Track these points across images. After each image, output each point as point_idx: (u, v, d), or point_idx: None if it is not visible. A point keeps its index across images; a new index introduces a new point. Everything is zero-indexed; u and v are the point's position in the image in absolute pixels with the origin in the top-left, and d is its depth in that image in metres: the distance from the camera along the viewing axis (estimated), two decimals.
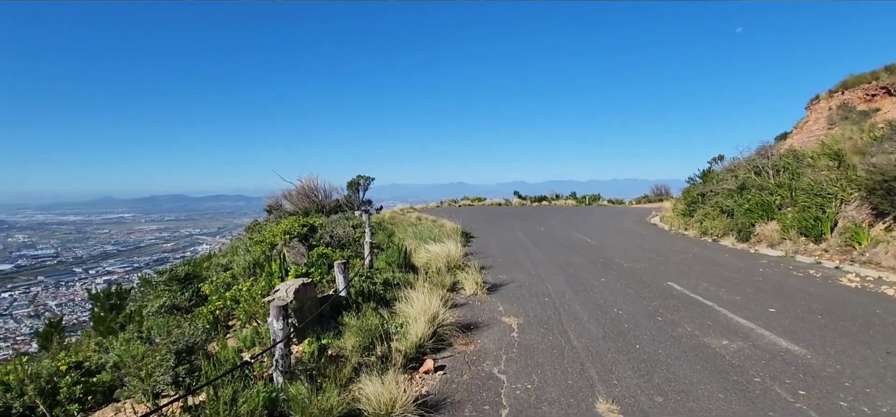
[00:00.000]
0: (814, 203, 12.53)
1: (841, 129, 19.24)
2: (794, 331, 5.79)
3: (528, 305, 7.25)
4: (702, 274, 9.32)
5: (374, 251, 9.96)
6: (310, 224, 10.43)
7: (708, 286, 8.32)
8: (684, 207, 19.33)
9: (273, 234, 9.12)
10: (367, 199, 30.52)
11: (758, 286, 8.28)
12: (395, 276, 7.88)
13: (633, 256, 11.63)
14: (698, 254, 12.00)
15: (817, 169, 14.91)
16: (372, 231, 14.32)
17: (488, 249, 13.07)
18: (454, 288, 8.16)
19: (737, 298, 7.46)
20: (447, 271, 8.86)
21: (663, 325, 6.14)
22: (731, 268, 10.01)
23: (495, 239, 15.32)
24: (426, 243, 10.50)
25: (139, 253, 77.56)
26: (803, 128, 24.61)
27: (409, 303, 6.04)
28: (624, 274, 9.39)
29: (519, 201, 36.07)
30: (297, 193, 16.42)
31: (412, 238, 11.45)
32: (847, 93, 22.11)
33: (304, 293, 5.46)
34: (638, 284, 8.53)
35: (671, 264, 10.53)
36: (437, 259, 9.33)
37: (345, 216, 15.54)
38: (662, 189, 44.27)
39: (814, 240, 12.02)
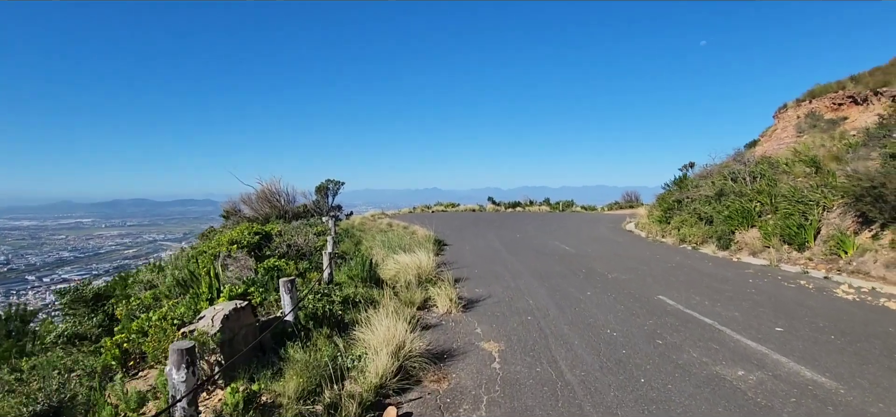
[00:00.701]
0: (796, 210, 12.11)
1: (811, 137, 19.23)
2: (812, 357, 5.02)
3: (510, 325, 6.29)
4: (691, 286, 8.60)
5: (336, 262, 8.83)
6: (264, 232, 9.23)
7: (701, 300, 7.57)
8: (660, 214, 18.88)
9: (219, 244, 7.89)
10: (337, 204, 29.14)
11: (753, 300, 7.58)
12: (357, 293, 6.80)
13: (615, 265, 10.87)
14: (681, 263, 11.36)
15: (794, 175, 14.62)
16: (337, 239, 13.15)
17: (463, 258, 12.09)
18: (425, 306, 7.13)
19: (736, 314, 6.71)
20: (418, 285, 7.83)
21: (666, 350, 5.28)
22: (719, 279, 9.35)
23: (470, 247, 14.37)
24: (395, 253, 9.44)
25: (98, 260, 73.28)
26: (772, 135, 24.74)
27: (371, 328, 4.98)
28: (610, 287, 8.57)
29: (493, 207, 35.35)
30: (258, 197, 15.06)
31: (381, 247, 10.36)
32: (814, 101, 22.27)
33: (236, 320, 4.33)
34: (627, 298, 7.70)
35: (657, 274, 9.80)
36: (406, 271, 8.29)
37: (309, 223, 14.30)
38: (633, 196, 44.54)
39: (797, 248, 11.57)
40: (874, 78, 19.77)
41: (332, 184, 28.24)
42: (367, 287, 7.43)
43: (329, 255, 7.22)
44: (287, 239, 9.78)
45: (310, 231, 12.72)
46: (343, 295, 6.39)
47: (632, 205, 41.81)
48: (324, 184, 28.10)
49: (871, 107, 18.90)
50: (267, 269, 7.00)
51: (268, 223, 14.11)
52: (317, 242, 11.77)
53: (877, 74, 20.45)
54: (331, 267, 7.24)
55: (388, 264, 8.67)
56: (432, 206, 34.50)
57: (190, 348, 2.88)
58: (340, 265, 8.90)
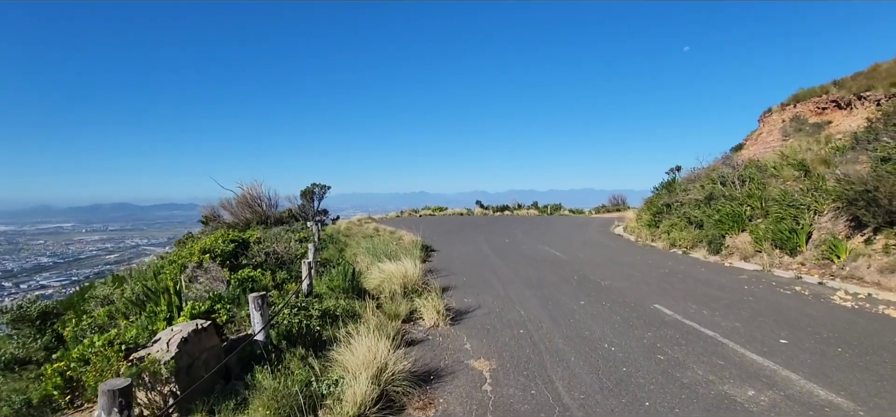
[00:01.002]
0: (787, 214, 11.93)
1: (797, 141, 19.24)
2: (824, 373, 4.69)
3: (501, 340, 5.87)
4: (688, 294, 8.28)
5: (315, 271, 8.33)
6: (241, 239, 8.68)
7: (699, 309, 7.25)
8: (650, 217, 18.69)
9: (190, 253, 7.33)
10: (323, 209, 28.49)
11: (752, 308, 7.28)
12: (338, 305, 6.32)
13: (608, 272, 10.54)
14: (674, 269, 11.08)
15: (783, 179, 14.50)
16: (320, 245, 12.62)
17: (451, 265, 11.66)
18: (411, 319, 6.68)
19: (736, 325, 6.39)
20: (403, 296, 7.37)
21: (668, 367, 4.90)
22: (714, 286, 9.06)
23: (458, 253, 13.95)
24: (380, 260, 8.97)
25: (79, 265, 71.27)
26: (758, 139, 24.81)
27: (351, 347, 4.52)
28: (604, 295, 8.21)
29: (481, 211, 35.01)
30: (238, 202, 14.44)
31: (365, 254, 9.88)
32: (799, 106, 22.37)
33: (197, 343, 3.84)
34: (622, 308, 7.34)
35: (650, 281, 9.48)
36: (391, 280, 7.83)
37: (291, 228, 13.74)
38: (620, 199, 44.63)
39: (789, 253, 11.38)
40: (857, 82, 19.89)
41: (317, 188, 27.62)
42: (349, 298, 6.95)
43: (309, 264, 6.73)
44: (266, 247, 9.24)
45: (292, 237, 12.18)
46: (322, 309, 5.91)
47: (618, 209, 41.86)
48: (309, 189, 27.47)
49: (854, 111, 18.97)
50: (240, 281, 6.48)
51: (248, 229, 13.52)
52: (299, 249, 11.23)
53: (859, 79, 20.59)
54: (310, 278, 6.75)
55: (373, 273, 8.20)
56: (420, 210, 34.04)
57: (125, 387, 2.40)
58: (322, 274, 8.42)
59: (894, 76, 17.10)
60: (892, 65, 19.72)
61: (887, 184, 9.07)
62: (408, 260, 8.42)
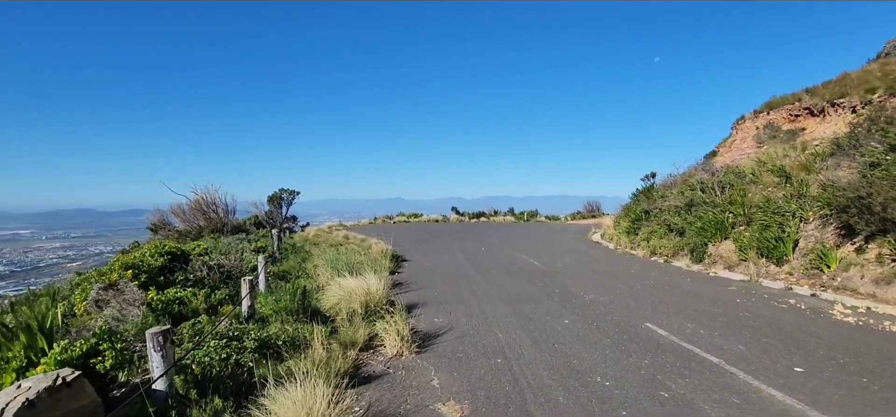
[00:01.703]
0: (772, 221, 11.41)
1: (772, 147, 19.08)
2: (857, 412, 3.92)
3: (476, 373, 4.91)
4: (679, 310, 7.52)
5: (267, 286, 7.21)
6: (179, 251, 7.48)
7: (695, 328, 6.47)
8: (628, 225, 18.14)
9: (110, 269, 6.10)
10: (291, 216, 27.04)
11: (751, 327, 6.55)
12: (283, 332, 5.25)
13: (591, 284, 9.74)
14: (659, 280, 10.37)
15: (763, 185, 14.09)
16: (280, 256, 11.41)
17: (422, 277, 10.66)
18: (370, 345, 5.65)
19: (740, 348, 5.62)
20: (364, 317, 6.33)
21: (677, 409, 4.03)
22: (704, 299, 8.35)
23: (431, 263, 12.96)
24: (341, 274, 7.91)
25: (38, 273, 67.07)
26: (731, 146, 24.74)
27: (283, 396, 3.48)
28: (589, 312, 7.36)
29: (456, 217, 34.15)
30: (191, 209, 13.09)
31: (326, 266, 8.78)
32: (772, 113, 22.35)
33: (52, 407, 2.74)
34: (611, 327, 6.50)
35: (637, 294, 8.71)
36: (351, 298, 6.78)
37: (249, 237, 12.49)
38: (594, 205, 44.57)
39: (776, 262, 10.84)
40: (828, 90, 19.91)
41: (286, 194, 26.19)
42: (299, 322, 5.87)
43: (250, 282, 5.62)
44: (211, 260, 8.05)
45: (247, 247, 10.95)
46: (262, 338, 4.83)
47: (593, 215, 41.72)
48: (277, 194, 26.02)
49: (828, 118, 18.92)
50: (165, 304, 5.34)
51: (200, 238, 12.22)
52: (253, 261, 10.04)
53: (830, 87, 20.64)
54: (252, 298, 5.64)
55: (331, 290, 7.12)
56: (394, 217, 32.93)
57: None
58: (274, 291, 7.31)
59: (866, 83, 17.08)
60: (862, 73, 19.82)
61: (881, 191, 8.57)
62: (371, 274, 7.38)
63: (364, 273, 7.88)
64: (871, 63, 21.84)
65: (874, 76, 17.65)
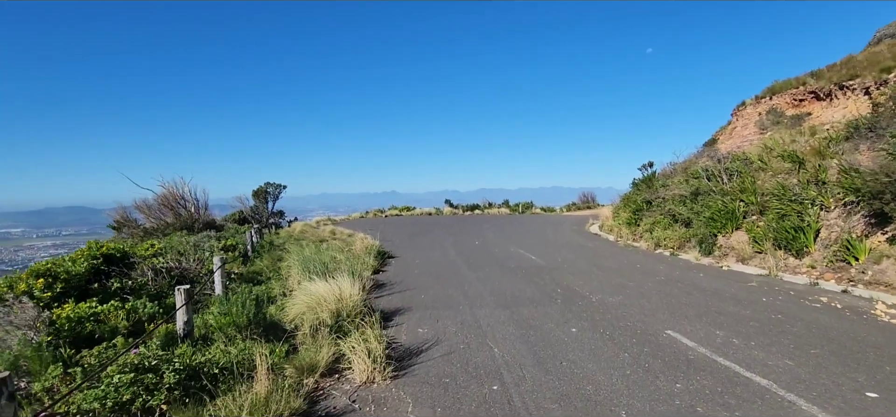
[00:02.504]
0: (790, 210, 10.41)
1: (777, 133, 18.10)
2: None
3: (465, 407, 3.81)
4: (701, 312, 6.47)
5: (224, 292, 6.08)
6: (117, 252, 6.32)
7: (726, 335, 5.42)
8: (629, 215, 17.11)
9: (19, 279, 4.95)
10: (278, 210, 25.80)
11: (791, 333, 5.50)
12: (225, 356, 4.14)
13: (596, 282, 8.68)
14: (670, 275, 9.33)
15: (772, 172, 13.10)
16: (255, 254, 10.25)
17: (409, 277, 9.56)
18: (335, 370, 4.54)
19: (788, 363, 4.57)
20: (332, 329, 5.22)
21: None
22: (726, 298, 7.31)
23: (421, 260, 11.85)
24: (311, 278, 6.79)
25: None
26: (731, 133, 23.77)
27: None
28: (599, 317, 6.29)
29: (450, 210, 33.05)
30: (159, 204, 11.88)
31: (298, 267, 7.66)
32: (775, 98, 21.36)
33: None
34: (628, 338, 5.44)
35: (649, 294, 7.66)
36: (320, 306, 5.67)
37: (220, 235, 11.32)
38: (589, 196, 43.65)
39: (795, 254, 9.83)
40: (834, 73, 18.92)
41: (271, 188, 24.92)
42: (252, 339, 4.75)
43: (186, 292, 4.49)
44: (164, 261, 6.89)
45: (216, 245, 9.79)
46: (191, 366, 3.71)
47: (589, 206, 40.78)
48: (262, 188, 24.74)
49: (836, 101, 17.94)
50: (75, 321, 4.20)
51: (168, 235, 11.03)
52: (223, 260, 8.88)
53: (835, 70, 19.66)
54: (189, 310, 4.51)
55: (296, 297, 6.00)
56: (386, 211, 31.76)
57: None
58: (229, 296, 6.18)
59: (878, 64, 16.07)
60: (869, 55, 18.82)
61: None
62: (345, 277, 6.26)
63: (339, 274, 6.76)
64: (873, 46, 20.87)
65: (884, 57, 16.64)
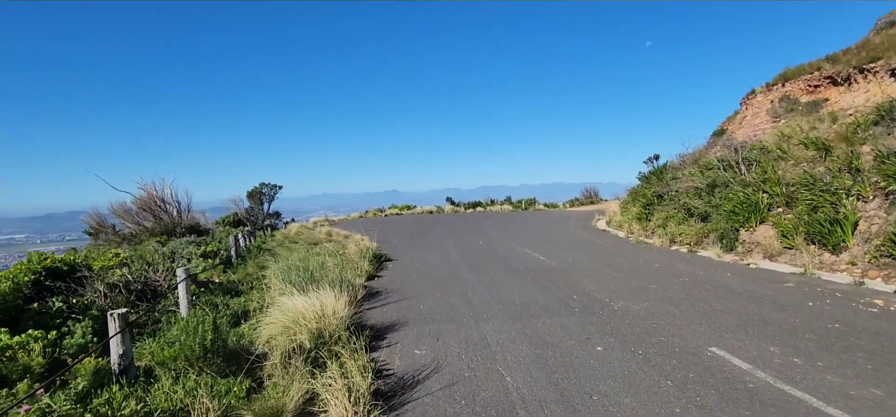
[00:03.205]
0: (822, 200, 9.43)
1: (793, 120, 17.09)
2: None
3: None
4: (744, 322, 5.51)
5: (190, 305, 5.15)
6: (64, 265, 5.40)
7: (786, 354, 4.47)
8: (639, 210, 16.15)
9: None
10: (274, 212, 24.88)
11: (864, 350, 4.52)
12: (165, 402, 3.22)
13: (613, 285, 7.72)
14: (695, 276, 8.37)
15: (795, 160, 12.13)
16: (238, 261, 9.23)
17: (406, 283, 8.62)
18: (306, 412, 3.62)
19: (874, 392, 3.61)
20: (309, 356, 4.28)
21: None
22: (766, 303, 6.35)
23: (420, 262, 10.90)
24: (289, 291, 5.86)
25: None
26: (742, 122, 22.74)
27: None
28: (626, 330, 5.34)
29: (452, 208, 32.11)
30: (139, 208, 10.95)
31: (278, 277, 6.71)
32: (788, 85, 20.33)
33: None
34: (666, 358, 4.49)
35: (678, 299, 6.70)
36: (297, 326, 4.73)
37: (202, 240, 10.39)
38: (592, 192, 42.65)
39: (831, 250, 8.85)
40: (854, 56, 17.87)
41: (267, 189, 23.98)
42: (208, 373, 3.83)
43: (121, 318, 3.56)
44: (124, 274, 5.97)
45: (195, 252, 8.87)
46: None
47: (592, 201, 39.80)
48: (257, 189, 23.81)
49: (856, 85, 16.90)
50: None
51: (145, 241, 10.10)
52: (196, 268, 7.96)
53: (850, 54, 18.64)
54: (126, 342, 3.58)
55: (273, 315, 5.07)
56: (386, 210, 30.83)
57: None
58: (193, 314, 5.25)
59: None
60: (887, 36, 17.76)
61: None
62: (327, 290, 5.31)
63: (325, 285, 5.82)
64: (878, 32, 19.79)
65: None
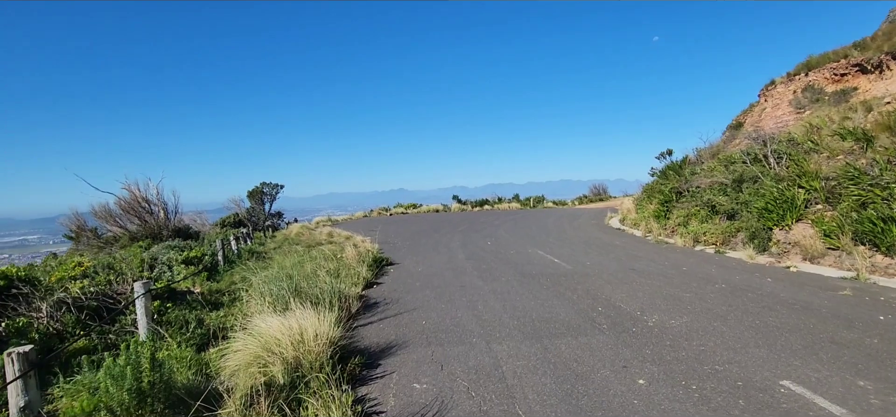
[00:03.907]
0: (873, 196, 8.39)
1: (821, 111, 15.94)
2: None
3: None
4: (813, 344, 4.53)
5: (149, 327, 4.27)
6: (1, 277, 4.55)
7: (886, 393, 3.51)
8: (657, 207, 15.11)
9: None
10: (276, 212, 24.09)
11: None
12: None
13: (642, 294, 6.74)
14: (730, 282, 7.36)
15: (830, 152, 11.04)
16: (227, 266, 8.29)
17: (407, 291, 7.70)
18: None
19: None
20: (283, 392, 3.39)
21: None
22: (826, 316, 5.35)
23: (423, 266, 9.98)
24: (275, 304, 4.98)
25: None
26: (761, 115, 21.55)
27: None
28: (669, 354, 4.39)
29: (458, 206, 31.16)
30: (122, 210, 10.13)
31: (256, 294, 5.80)
32: (812, 74, 19.13)
33: None
34: (730, 398, 3.52)
35: (719, 311, 5.72)
36: (270, 353, 3.85)
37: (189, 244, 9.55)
38: (601, 189, 41.57)
39: (885, 251, 7.81)
40: (885, 42, 16.65)
41: (268, 188, 23.17)
42: None
43: (21, 357, 2.66)
44: (84, 288, 5.13)
45: (176, 258, 8.02)
46: None
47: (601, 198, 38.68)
48: (258, 189, 23.01)
49: (888, 72, 15.71)
50: None
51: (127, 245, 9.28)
52: (178, 276, 7.11)
53: (878, 40, 17.43)
54: (30, 391, 2.69)
55: (242, 341, 4.17)
56: (391, 209, 29.96)
57: None
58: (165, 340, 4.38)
59: None
60: None
61: None
62: (309, 310, 4.41)
63: (309, 299, 4.91)
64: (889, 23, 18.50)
65: None
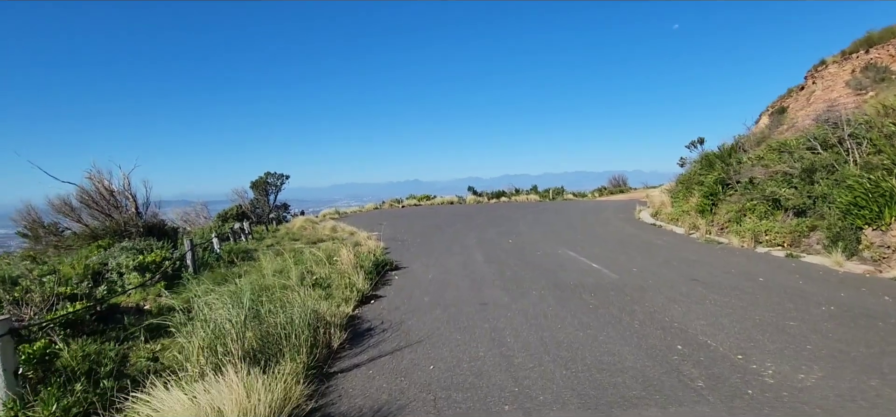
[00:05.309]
0: None
1: (890, 90, 13.69)
2: None
3: None
4: None
5: None
6: None
7: None
8: (700, 200, 13.15)
9: None
10: (282, 203, 22.63)
11: None
12: None
13: (728, 322, 4.94)
14: (834, 300, 5.50)
15: None
16: (202, 268, 6.68)
17: (412, 311, 6.02)
18: None
19: None
20: None
21: None
22: None
23: (435, 272, 8.30)
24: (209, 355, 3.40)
25: None
26: (810, 97, 19.17)
27: None
28: None
29: (473, 198, 29.38)
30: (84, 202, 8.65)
31: (199, 323, 4.20)
32: (872, 51, 16.77)
33: None
34: None
35: (857, 355, 3.89)
36: None
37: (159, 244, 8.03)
38: (620, 179, 39.43)
39: None
40: None
41: (272, 179, 21.70)
42: None
43: None
44: None
45: (129, 262, 6.50)
46: None
47: (621, 190, 36.53)
48: (262, 179, 21.56)
49: None
50: None
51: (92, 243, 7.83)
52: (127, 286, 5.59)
53: None
54: None
55: (172, 398, 2.57)
56: (403, 201, 28.36)
57: None
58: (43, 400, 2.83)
59: None
60: None
61: None
62: (241, 377, 2.79)
63: (272, 338, 3.28)
64: None
65: None
